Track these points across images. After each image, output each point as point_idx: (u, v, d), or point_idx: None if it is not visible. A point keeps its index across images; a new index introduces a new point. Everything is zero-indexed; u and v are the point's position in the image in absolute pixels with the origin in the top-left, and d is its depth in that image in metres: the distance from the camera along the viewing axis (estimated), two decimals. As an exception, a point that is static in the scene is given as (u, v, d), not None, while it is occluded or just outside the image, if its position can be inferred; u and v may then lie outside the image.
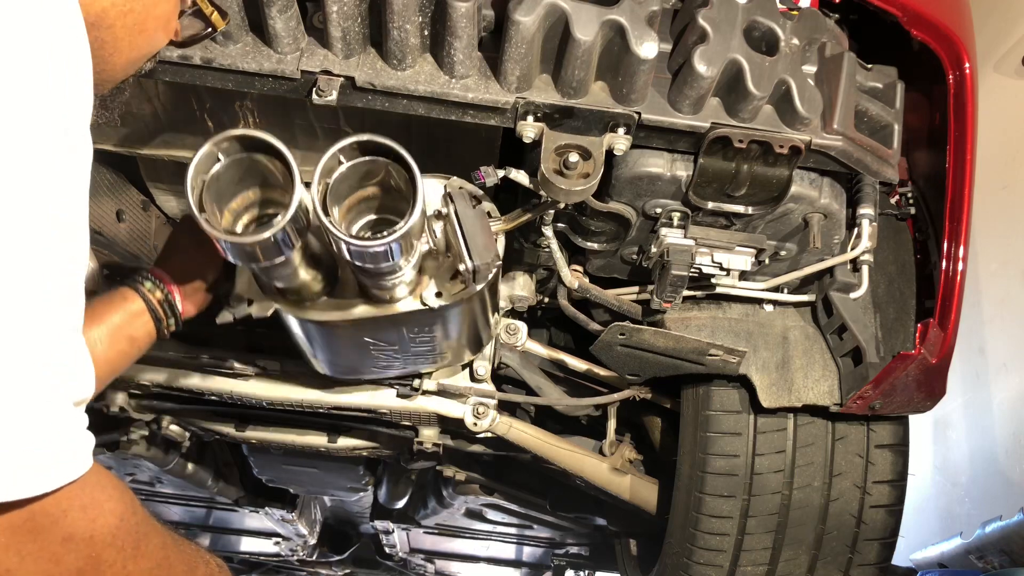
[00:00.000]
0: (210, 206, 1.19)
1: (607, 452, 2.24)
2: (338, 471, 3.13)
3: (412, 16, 1.38)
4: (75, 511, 0.96)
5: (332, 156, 1.22)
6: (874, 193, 1.74)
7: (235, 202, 1.27)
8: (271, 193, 1.27)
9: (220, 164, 1.20)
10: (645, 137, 1.53)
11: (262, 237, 1.18)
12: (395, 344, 1.67)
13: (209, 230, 1.17)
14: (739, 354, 1.76)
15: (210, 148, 1.18)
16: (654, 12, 1.40)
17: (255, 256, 1.23)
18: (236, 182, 1.25)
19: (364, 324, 1.55)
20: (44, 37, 0.92)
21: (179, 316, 1.51)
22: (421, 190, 1.22)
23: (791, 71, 1.48)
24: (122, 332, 1.42)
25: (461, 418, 2.06)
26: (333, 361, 1.78)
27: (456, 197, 1.41)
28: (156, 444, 2.76)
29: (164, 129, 1.86)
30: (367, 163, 1.25)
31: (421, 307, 1.52)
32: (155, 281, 1.48)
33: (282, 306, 1.51)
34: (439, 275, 1.53)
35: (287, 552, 4.64)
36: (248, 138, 1.19)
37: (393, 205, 1.34)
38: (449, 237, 1.42)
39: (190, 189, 1.17)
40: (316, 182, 1.21)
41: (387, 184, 1.30)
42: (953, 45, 1.63)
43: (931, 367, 1.67)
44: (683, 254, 1.66)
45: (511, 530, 3.89)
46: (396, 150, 1.23)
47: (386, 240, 1.22)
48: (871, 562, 1.94)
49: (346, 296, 1.52)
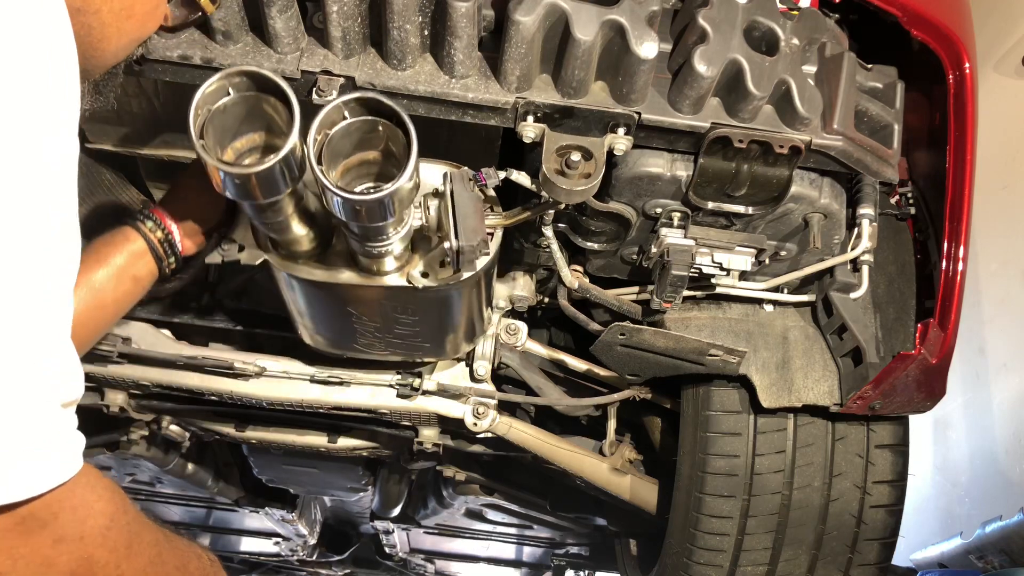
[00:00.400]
0: (212, 138, 1.21)
1: (607, 452, 2.24)
2: (338, 471, 3.14)
3: (412, 16, 1.38)
4: (66, 513, 0.96)
5: (336, 108, 1.23)
6: (874, 193, 1.74)
7: (240, 142, 1.29)
8: (276, 140, 1.27)
9: (229, 98, 1.22)
10: (645, 137, 1.53)
11: (254, 169, 1.19)
12: (376, 320, 1.68)
13: (204, 156, 1.19)
14: (739, 354, 1.76)
15: (221, 81, 1.20)
16: (654, 12, 1.40)
17: (247, 190, 1.24)
18: (242, 120, 1.26)
19: (347, 291, 1.57)
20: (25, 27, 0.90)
21: (179, 255, 1.54)
22: (415, 152, 1.23)
23: (791, 71, 1.48)
24: (126, 273, 1.46)
25: (461, 418, 2.06)
26: (316, 328, 1.79)
27: (456, 179, 1.42)
28: (156, 444, 2.76)
29: (164, 129, 1.86)
30: (368, 123, 1.26)
31: (406, 284, 1.54)
32: (156, 220, 1.51)
33: (271, 258, 1.53)
34: (430, 258, 1.55)
35: (287, 552, 4.64)
36: (260, 76, 1.21)
37: (391, 174, 1.35)
38: (442, 216, 1.42)
39: (193, 116, 1.18)
40: (315, 130, 1.22)
41: (387, 152, 1.31)
42: (953, 45, 1.63)
43: (931, 367, 1.67)
44: (683, 254, 1.66)
45: (511, 530, 3.90)
46: (398, 113, 1.24)
47: (374, 196, 1.23)
48: (871, 562, 1.95)
49: (335, 262, 1.54)
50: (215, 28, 1.41)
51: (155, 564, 1.09)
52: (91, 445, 2.61)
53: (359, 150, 1.32)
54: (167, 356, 2.00)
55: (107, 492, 1.02)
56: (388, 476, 3.34)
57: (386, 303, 1.62)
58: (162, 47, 1.42)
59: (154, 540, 1.10)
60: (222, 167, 1.20)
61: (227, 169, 1.20)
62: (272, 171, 1.20)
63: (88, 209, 2.08)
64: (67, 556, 0.96)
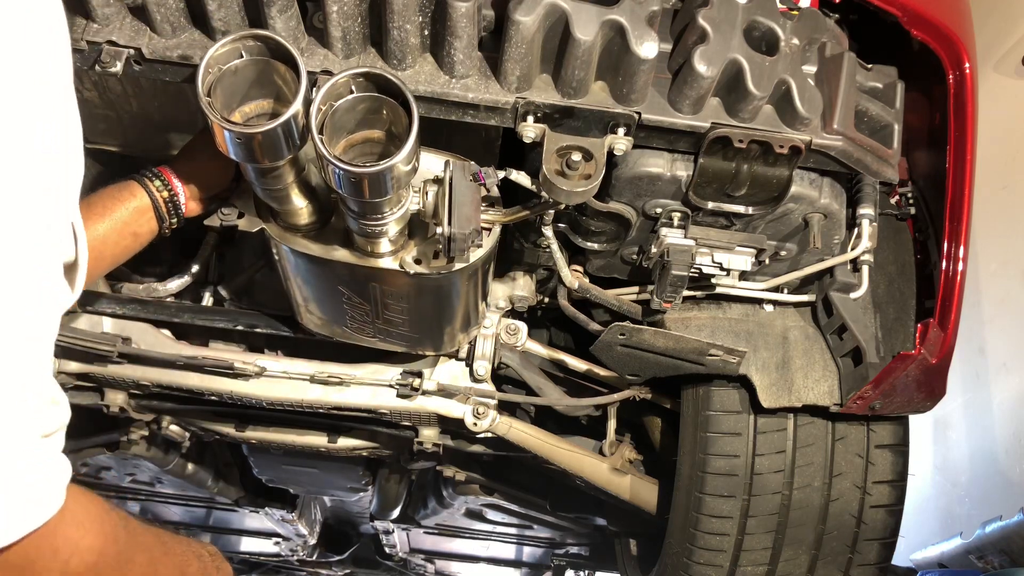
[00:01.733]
0: (220, 99, 1.23)
1: (607, 452, 2.24)
2: (338, 471, 3.14)
3: (412, 16, 1.38)
4: (45, 558, 0.89)
5: (344, 81, 1.25)
6: (874, 193, 1.74)
7: (249, 106, 1.31)
8: (283, 108, 1.28)
9: (240, 60, 1.24)
10: (645, 137, 1.53)
11: (256, 129, 1.21)
12: (367, 303, 1.70)
13: (208, 112, 1.20)
14: (739, 354, 1.76)
15: (234, 43, 1.23)
16: (654, 12, 1.40)
17: (249, 150, 1.25)
18: (251, 84, 1.28)
19: (341, 269, 1.58)
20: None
21: (182, 216, 1.56)
22: (415, 130, 1.24)
23: (791, 71, 1.48)
24: (128, 228, 1.48)
25: (461, 418, 2.06)
26: (307, 306, 1.81)
27: (457, 167, 1.43)
28: (156, 444, 2.76)
29: (164, 129, 1.86)
30: (373, 99, 1.27)
31: (398, 269, 1.56)
32: (163, 180, 1.53)
33: (269, 228, 1.55)
34: (425, 246, 1.56)
35: (287, 552, 4.64)
36: (272, 41, 1.24)
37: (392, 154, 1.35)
38: (438, 203, 1.42)
39: (202, 74, 1.20)
40: (319, 100, 1.23)
41: (390, 132, 1.32)
42: (953, 45, 1.63)
43: (931, 367, 1.67)
44: (683, 254, 1.66)
45: (511, 530, 3.90)
46: (403, 92, 1.25)
47: (371, 168, 1.24)
48: (871, 562, 1.95)
49: (331, 239, 1.56)
50: (215, 28, 1.41)
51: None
52: (91, 445, 2.63)
53: (363, 128, 1.33)
54: (167, 356, 2.00)
55: (95, 524, 0.96)
56: (388, 477, 3.34)
57: (377, 286, 1.63)
58: (162, 47, 1.43)
59: (148, 560, 1.05)
60: (225, 125, 1.21)
61: (229, 127, 1.21)
62: (274, 133, 1.22)
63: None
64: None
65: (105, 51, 1.43)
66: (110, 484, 3.49)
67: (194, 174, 1.56)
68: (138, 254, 1.57)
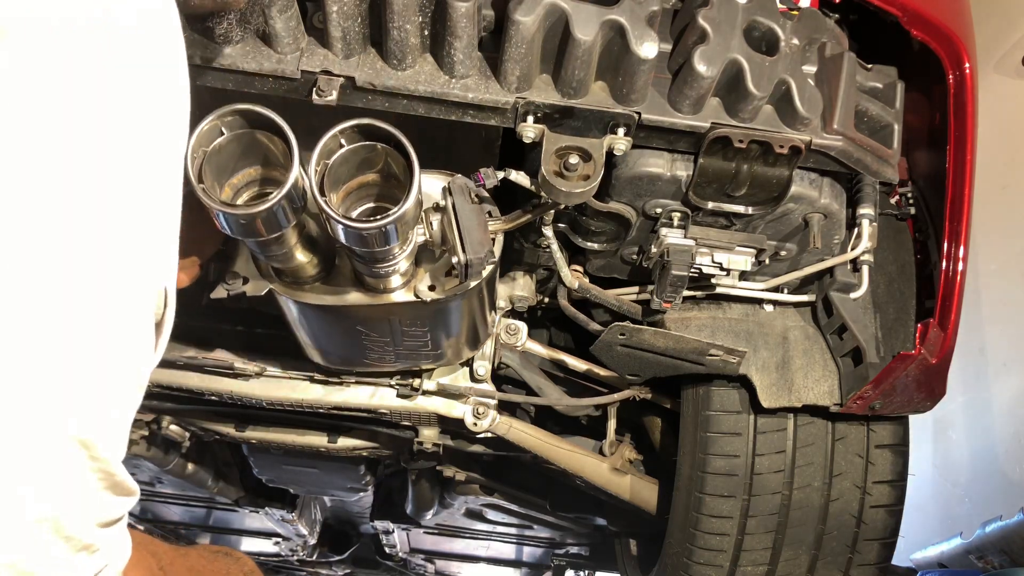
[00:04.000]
0: (210, 179, 1.21)
1: (607, 452, 2.24)
2: (338, 471, 3.13)
3: (412, 16, 1.38)
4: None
5: (333, 137, 1.24)
6: (874, 193, 1.74)
7: (236, 178, 1.29)
8: (272, 172, 1.27)
9: (223, 137, 1.21)
10: (645, 137, 1.53)
11: (257, 209, 1.19)
12: (387, 336, 1.67)
13: (205, 200, 1.18)
14: (739, 354, 1.76)
15: (214, 121, 1.20)
16: (654, 12, 1.40)
17: (251, 229, 1.24)
18: (238, 157, 1.26)
19: (356, 312, 1.56)
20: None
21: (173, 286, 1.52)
22: (417, 176, 1.23)
23: (791, 71, 1.48)
24: None
25: (461, 418, 2.06)
26: (326, 349, 1.78)
27: (455, 191, 1.42)
28: (156, 444, 2.76)
29: (164, 129, 1.86)
30: (367, 148, 1.26)
31: (414, 299, 1.53)
32: None
33: (277, 287, 1.52)
34: (434, 270, 1.54)
35: (287, 552, 4.64)
36: (252, 113, 1.21)
37: (391, 194, 1.34)
38: (445, 230, 1.42)
39: (190, 159, 1.18)
40: (315, 162, 1.23)
41: (386, 172, 1.31)
42: (953, 45, 1.63)
43: (931, 367, 1.67)
44: (683, 254, 1.66)
45: (511, 530, 3.90)
46: (396, 136, 1.24)
47: (380, 223, 1.23)
48: (871, 562, 1.95)
49: (341, 283, 1.53)
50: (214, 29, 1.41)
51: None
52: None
53: (358, 173, 1.32)
54: (167, 356, 2.00)
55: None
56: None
57: (395, 319, 1.61)
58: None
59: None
60: (227, 210, 1.19)
61: (231, 212, 1.19)
62: (276, 208, 1.20)
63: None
64: None
65: (105, 51, 1.42)
66: (110, 484, 3.48)
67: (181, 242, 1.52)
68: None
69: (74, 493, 0.74)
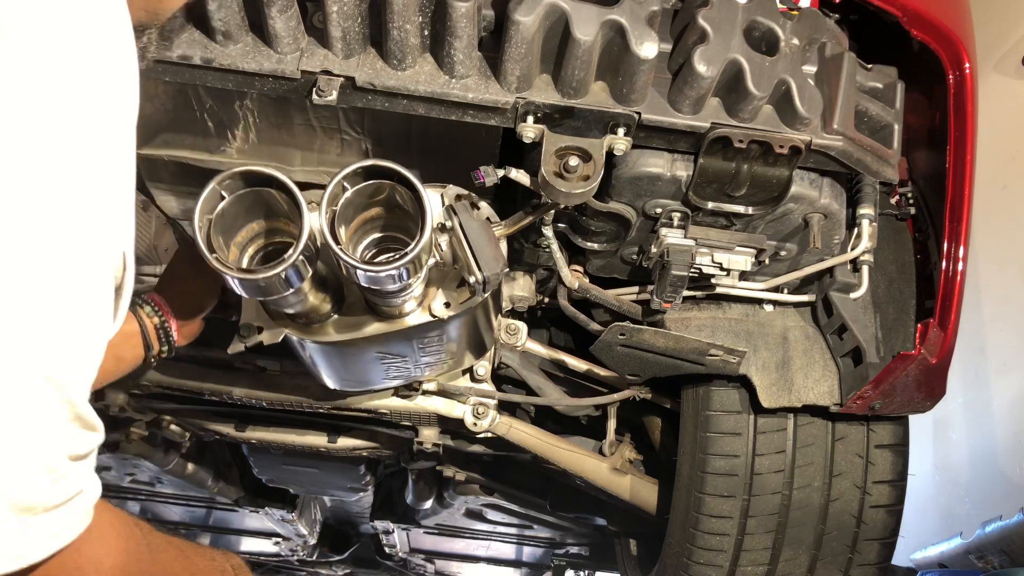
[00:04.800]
0: (218, 242, 1.21)
1: (607, 452, 2.24)
2: (338, 471, 3.14)
3: (412, 16, 1.38)
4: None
5: (336, 184, 1.23)
6: (874, 193, 1.74)
7: (240, 235, 1.29)
8: (275, 222, 1.28)
9: (225, 201, 1.22)
10: (645, 137, 1.53)
11: (275, 272, 1.19)
12: (405, 355, 1.67)
13: (221, 269, 1.18)
14: (739, 354, 1.76)
15: (213, 188, 1.20)
16: (654, 12, 1.40)
17: (269, 291, 1.24)
18: (241, 216, 1.26)
19: (375, 340, 1.54)
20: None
21: (173, 343, 1.51)
22: (430, 212, 1.24)
23: (791, 71, 1.48)
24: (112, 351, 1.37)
25: (461, 418, 2.06)
26: (344, 377, 1.77)
27: (459, 210, 1.41)
28: (156, 444, 2.76)
29: (164, 129, 1.86)
30: (371, 186, 1.26)
31: (430, 319, 1.53)
32: (154, 307, 1.48)
33: (292, 331, 1.51)
34: (445, 285, 1.53)
35: (287, 552, 4.64)
36: (251, 173, 1.21)
37: (396, 222, 1.35)
38: (455, 249, 1.42)
39: (198, 230, 1.18)
40: (323, 211, 1.22)
41: (391, 202, 1.31)
42: (953, 45, 1.63)
43: (931, 367, 1.67)
44: (683, 254, 1.66)
45: (511, 530, 3.90)
46: (398, 172, 1.24)
47: (399, 264, 1.24)
48: (871, 562, 1.94)
49: (355, 314, 1.52)
50: (215, 28, 1.41)
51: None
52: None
53: (363, 210, 1.32)
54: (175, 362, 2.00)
55: (119, 542, 0.96)
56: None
57: (413, 339, 1.61)
58: (162, 47, 1.42)
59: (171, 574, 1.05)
60: (245, 277, 1.19)
61: (250, 277, 1.19)
62: (294, 265, 1.20)
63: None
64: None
65: (105, 51, 1.42)
66: (110, 484, 3.49)
67: (183, 297, 1.52)
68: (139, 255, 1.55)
69: (44, 422, 0.81)
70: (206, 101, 1.77)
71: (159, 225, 2.32)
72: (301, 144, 1.85)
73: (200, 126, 1.83)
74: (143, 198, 2.24)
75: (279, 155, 1.90)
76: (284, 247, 1.36)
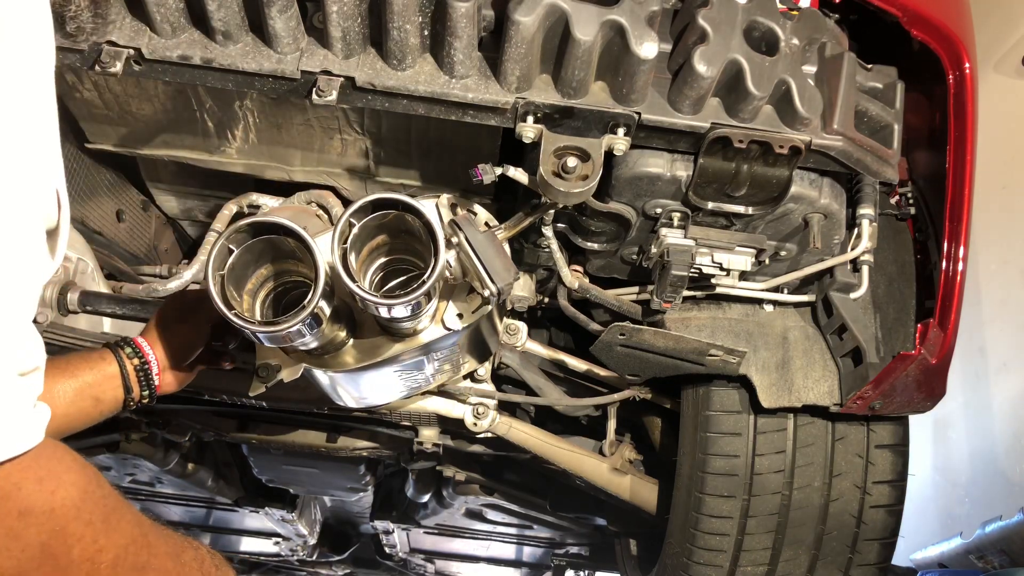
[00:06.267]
0: (232, 295, 1.22)
1: (607, 452, 2.24)
2: (338, 471, 3.13)
3: (412, 16, 1.38)
4: (29, 483, 0.91)
5: (345, 223, 1.24)
6: (874, 193, 1.74)
7: (250, 283, 1.30)
8: (283, 264, 1.28)
9: (234, 255, 1.23)
10: (645, 137, 1.53)
11: (297, 320, 1.20)
12: (421, 369, 1.67)
13: (243, 326, 1.19)
14: (739, 354, 1.76)
15: (222, 245, 1.22)
16: (654, 12, 1.40)
17: (291, 339, 1.25)
18: (250, 265, 1.28)
19: (392, 359, 1.54)
20: None
21: (154, 388, 1.49)
22: (442, 242, 1.24)
23: (791, 71, 1.48)
24: (90, 391, 1.38)
25: (461, 418, 2.06)
26: (361, 396, 1.77)
27: (463, 224, 1.41)
28: (156, 444, 2.76)
29: (164, 129, 1.86)
30: (379, 217, 1.27)
31: (445, 332, 1.52)
32: (134, 348, 1.46)
33: (311, 364, 1.51)
34: (455, 296, 1.53)
35: (287, 552, 4.64)
36: (258, 224, 1.22)
37: (402, 245, 1.35)
38: (464, 264, 1.42)
39: (214, 291, 1.20)
40: (335, 250, 1.23)
41: (397, 228, 1.32)
42: (953, 45, 1.63)
43: (931, 367, 1.67)
44: (683, 254, 1.66)
45: (511, 530, 3.90)
46: (404, 202, 1.24)
47: (417, 294, 1.24)
48: (871, 562, 1.94)
49: (371, 338, 1.52)
50: (215, 28, 1.41)
51: (139, 544, 1.03)
52: (91, 445, 2.63)
53: (371, 239, 1.33)
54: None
55: (77, 464, 0.97)
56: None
57: (428, 353, 1.61)
58: (162, 47, 1.43)
59: (136, 520, 1.05)
60: (268, 330, 1.19)
61: (273, 330, 1.20)
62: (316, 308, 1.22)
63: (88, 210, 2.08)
64: (35, 529, 0.91)
65: (105, 51, 1.43)
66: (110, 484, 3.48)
67: (170, 344, 1.50)
68: (138, 255, 1.55)
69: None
70: (206, 101, 1.77)
71: (159, 225, 2.32)
72: (301, 144, 1.85)
73: (200, 126, 1.83)
74: (143, 198, 2.24)
75: (279, 155, 1.90)
76: (294, 286, 1.38)
